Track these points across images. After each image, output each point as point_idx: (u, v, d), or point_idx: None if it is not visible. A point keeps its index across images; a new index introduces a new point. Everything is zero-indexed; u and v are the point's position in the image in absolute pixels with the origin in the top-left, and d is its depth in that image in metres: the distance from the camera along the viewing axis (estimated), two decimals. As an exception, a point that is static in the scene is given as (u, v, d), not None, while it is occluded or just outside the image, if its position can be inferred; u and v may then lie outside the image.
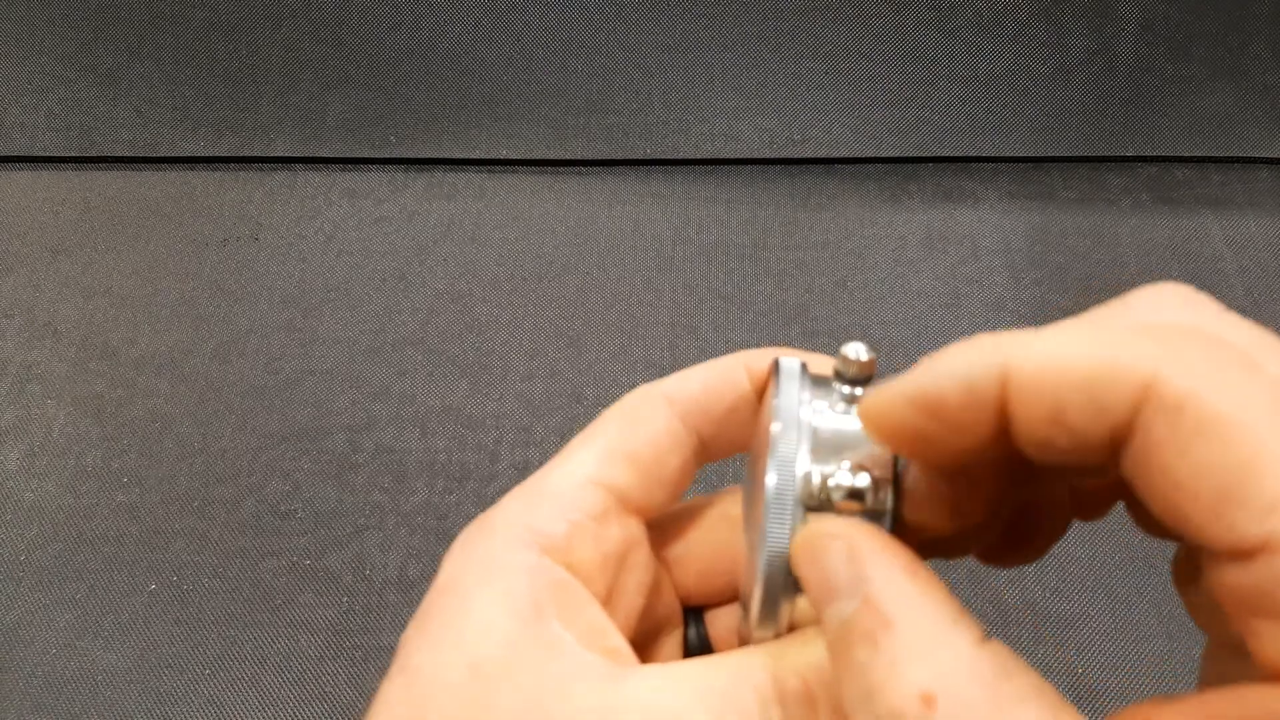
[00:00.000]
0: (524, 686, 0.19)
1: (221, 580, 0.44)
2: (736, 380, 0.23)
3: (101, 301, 0.53)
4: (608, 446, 0.22)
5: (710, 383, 0.23)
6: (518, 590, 0.20)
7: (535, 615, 0.20)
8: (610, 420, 0.23)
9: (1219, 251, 0.55)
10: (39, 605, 0.43)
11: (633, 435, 0.22)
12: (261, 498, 0.46)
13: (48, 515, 0.46)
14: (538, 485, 0.22)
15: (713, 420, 0.23)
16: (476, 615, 0.20)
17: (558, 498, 0.22)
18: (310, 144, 0.58)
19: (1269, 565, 0.14)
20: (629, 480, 0.22)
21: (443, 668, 0.20)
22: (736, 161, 0.58)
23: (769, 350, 0.24)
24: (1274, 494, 0.14)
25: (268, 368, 0.51)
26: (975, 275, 0.54)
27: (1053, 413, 0.16)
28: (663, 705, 0.19)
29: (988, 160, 0.58)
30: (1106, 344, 0.15)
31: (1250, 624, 0.15)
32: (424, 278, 0.54)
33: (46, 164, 0.58)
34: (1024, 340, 0.16)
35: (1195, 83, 0.57)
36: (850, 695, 0.16)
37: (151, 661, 0.42)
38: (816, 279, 0.54)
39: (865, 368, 0.20)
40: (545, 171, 0.58)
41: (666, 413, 0.23)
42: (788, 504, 0.19)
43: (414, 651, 0.20)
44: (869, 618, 0.16)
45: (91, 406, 0.49)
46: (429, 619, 0.21)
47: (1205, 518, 0.15)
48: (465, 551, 0.22)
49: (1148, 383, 0.15)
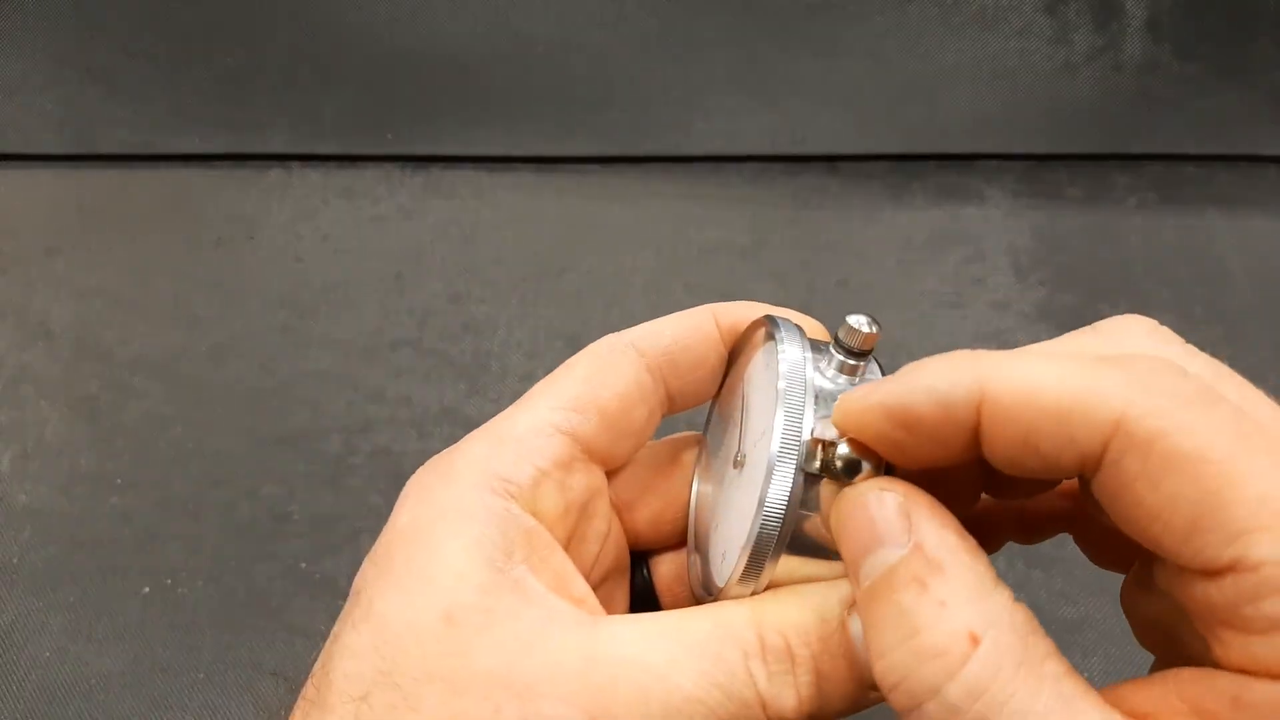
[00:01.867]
0: (501, 635, 0.19)
1: (216, 584, 0.44)
2: (706, 332, 0.23)
3: (95, 302, 0.53)
4: (575, 394, 0.22)
5: (680, 334, 0.23)
6: (489, 537, 0.20)
7: (506, 562, 0.20)
8: (578, 367, 0.23)
9: (1225, 250, 0.54)
10: (32, 609, 0.43)
11: (601, 385, 0.22)
12: (257, 501, 0.46)
13: (40, 518, 0.45)
14: (502, 429, 0.22)
15: (681, 372, 0.23)
16: (448, 561, 0.20)
17: (523, 443, 0.21)
18: (306, 142, 0.57)
19: (1235, 584, 0.16)
20: (595, 430, 0.22)
21: (415, 616, 0.19)
22: (737, 159, 0.58)
23: (739, 304, 0.24)
24: (1240, 522, 0.15)
25: (263, 369, 0.50)
26: (980, 274, 0.53)
27: (1025, 437, 0.17)
28: (647, 660, 0.19)
29: (992, 158, 0.57)
30: (1080, 376, 0.16)
31: (1217, 633, 0.16)
32: (421, 277, 0.53)
33: (40, 162, 0.58)
34: (1001, 363, 0.17)
35: (1202, 81, 0.57)
36: (885, 639, 0.17)
37: (145, 666, 0.42)
38: (818, 278, 0.53)
39: (867, 340, 0.20)
40: (544, 169, 0.58)
41: (636, 363, 0.23)
42: (791, 465, 0.18)
43: (378, 597, 0.20)
44: (918, 563, 0.17)
45: (85, 408, 0.49)
46: (393, 564, 0.20)
47: (1177, 543, 0.16)
48: (427, 495, 0.21)
49: (1118, 419, 0.16)
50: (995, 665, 0.16)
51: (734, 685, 0.19)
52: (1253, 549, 0.15)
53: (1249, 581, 0.15)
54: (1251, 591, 0.15)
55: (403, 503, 0.22)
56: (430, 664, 0.19)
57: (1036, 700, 0.16)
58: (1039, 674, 0.16)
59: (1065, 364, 0.17)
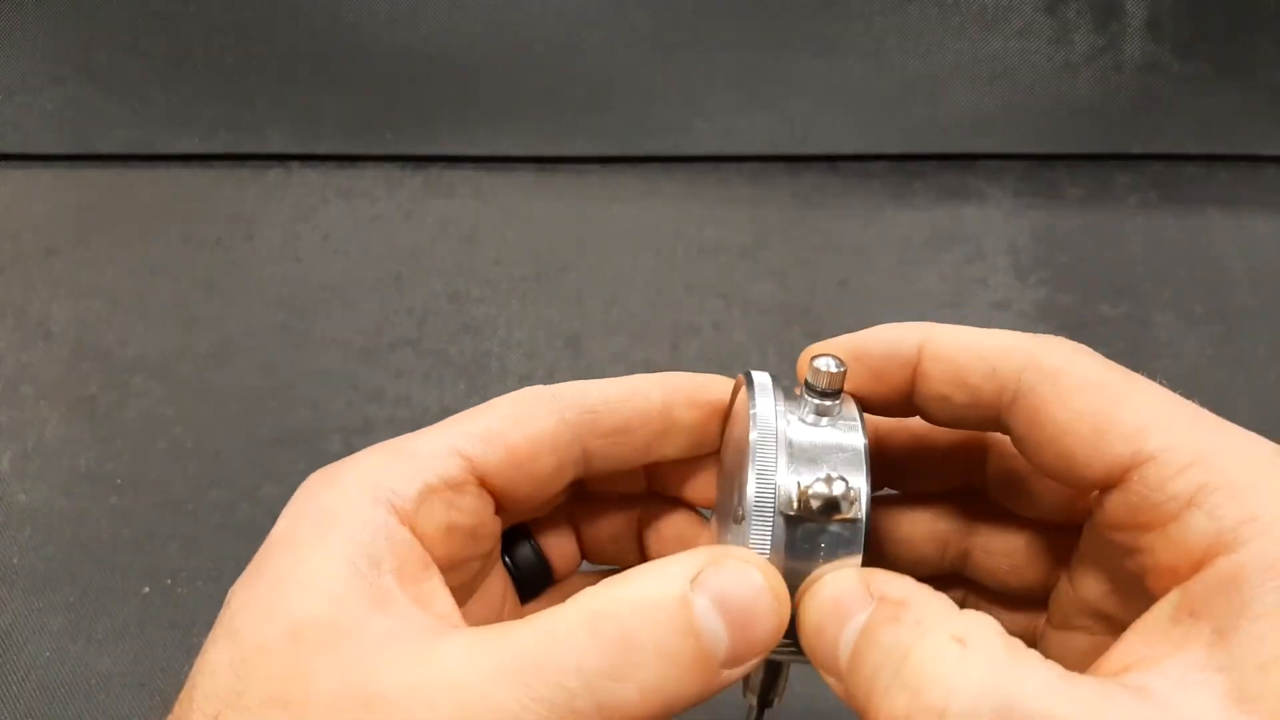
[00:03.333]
0: (343, 654, 0.18)
1: (216, 584, 0.44)
2: (641, 400, 0.23)
3: (94, 302, 0.53)
4: (485, 427, 0.22)
5: (610, 397, 0.23)
6: (359, 544, 0.19)
7: (372, 571, 0.19)
8: (496, 407, 0.23)
9: (1226, 250, 0.54)
10: (31, 609, 0.43)
11: (514, 424, 0.22)
12: (256, 501, 0.46)
13: (40, 518, 0.45)
14: (402, 445, 0.22)
15: (601, 433, 0.23)
16: (306, 571, 0.19)
17: (416, 458, 0.21)
18: (305, 141, 0.57)
19: (1141, 479, 0.18)
20: (497, 464, 0.22)
21: (266, 632, 0.19)
22: (737, 159, 0.57)
23: (699, 376, 0.24)
24: (1133, 424, 0.19)
25: (262, 369, 0.50)
26: (980, 274, 0.53)
27: (956, 373, 0.21)
28: (470, 678, 0.17)
29: (993, 158, 0.57)
30: (1001, 334, 0.22)
31: (1140, 543, 0.19)
32: (421, 277, 0.53)
33: (39, 162, 0.58)
34: (940, 325, 0.22)
35: (1203, 80, 0.57)
36: (880, 680, 0.17)
37: (145, 666, 0.42)
38: (819, 278, 0.53)
39: (835, 380, 0.21)
40: (544, 169, 0.58)
41: (554, 413, 0.22)
42: (768, 513, 0.19)
43: (238, 611, 0.20)
44: (887, 609, 0.18)
45: (84, 408, 0.49)
46: (259, 576, 0.20)
47: (1085, 450, 0.19)
48: (305, 501, 0.21)
49: (1030, 356, 0.21)
50: (991, 658, 0.16)
51: (560, 697, 0.17)
52: (1147, 441, 0.19)
53: (1151, 471, 0.18)
54: (1155, 480, 0.18)
55: (285, 509, 0.21)
56: (274, 686, 0.18)
57: (1044, 682, 0.16)
58: (1030, 659, 0.17)
59: (989, 330, 0.22)
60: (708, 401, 0.24)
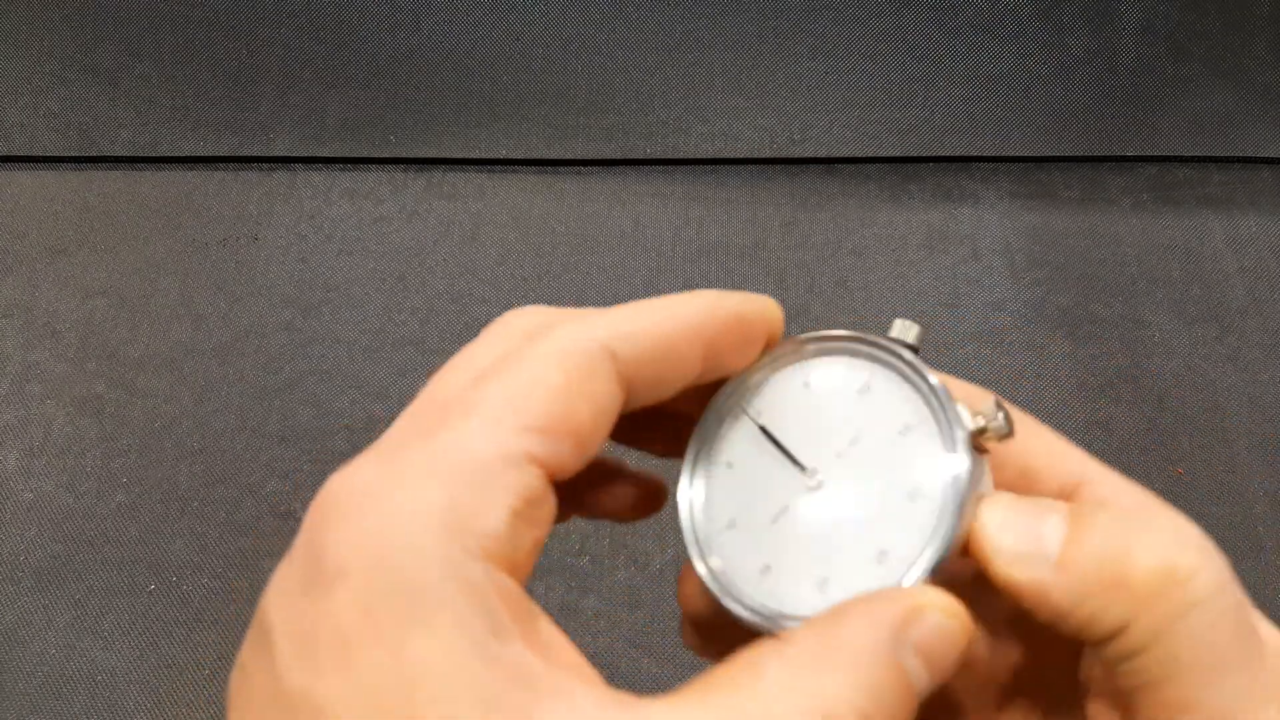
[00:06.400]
0: None
1: (221, 581, 0.44)
2: (694, 337, 0.19)
3: (101, 301, 0.53)
4: (547, 412, 0.17)
5: (662, 338, 0.19)
6: (473, 619, 0.15)
7: (499, 645, 0.15)
8: (548, 373, 0.18)
9: (1220, 251, 0.54)
10: (38, 606, 0.43)
11: (578, 402, 0.18)
12: (261, 498, 0.46)
13: (47, 515, 0.46)
14: (456, 455, 0.17)
15: (648, 384, 0.19)
16: (430, 668, 0.15)
17: (492, 478, 0.17)
18: (310, 144, 0.58)
19: None
20: (567, 459, 0.18)
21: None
22: (736, 161, 0.58)
23: (742, 296, 0.21)
24: None
25: (267, 368, 0.51)
26: (975, 275, 0.54)
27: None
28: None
29: (988, 160, 0.58)
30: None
31: None
32: (424, 277, 0.54)
33: (46, 164, 0.58)
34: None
35: (1196, 82, 0.57)
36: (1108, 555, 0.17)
37: (151, 662, 0.42)
38: (817, 279, 0.54)
39: (919, 336, 0.21)
40: (545, 171, 0.58)
41: (612, 374, 0.18)
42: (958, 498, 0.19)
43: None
44: (1081, 506, 0.19)
45: (91, 407, 0.49)
46: (351, 672, 0.15)
47: None
48: (372, 565, 0.16)
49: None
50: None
51: None
52: None
53: None
54: None
55: (331, 576, 0.16)
56: None
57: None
58: None
59: None
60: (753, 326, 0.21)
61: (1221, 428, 0.48)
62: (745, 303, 0.20)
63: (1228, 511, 0.46)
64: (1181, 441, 0.48)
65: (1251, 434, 0.48)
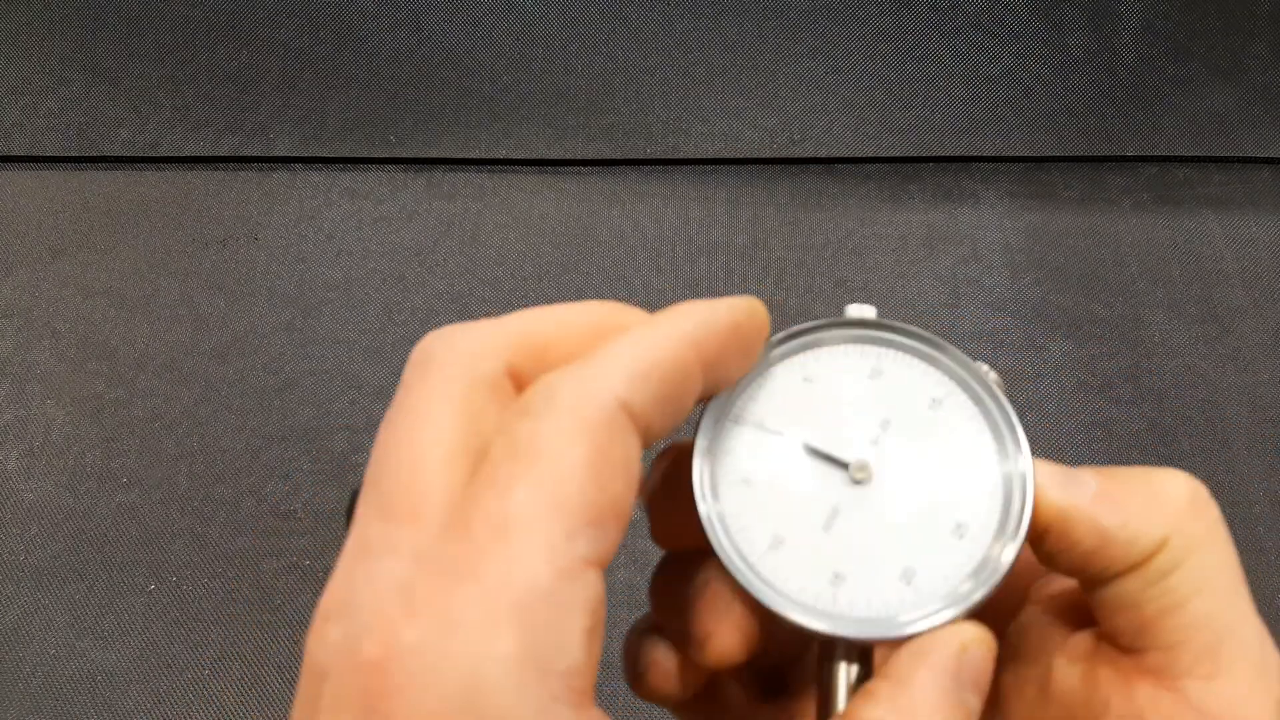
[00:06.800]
0: None
1: (221, 580, 0.44)
2: (691, 367, 0.18)
3: (101, 301, 0.53)
4: (586, 500, 0.15)
5: (668, 373, 0.17)
6: None
7: None
8: (570, 452, 0.15)
9: (1219, 251, 0.54)
10: (38, 605, 0.43)
11: (611, 478, 0.16)
12: (261, 498, 0.46)
13: (47, 515, 0.46)
14: (511, 588, 0.15)
15: (662, 421, 0.17)
16: None
17: (558, 606, 0.15)
18: (310, 144, 0.58)
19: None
20: (615, 540, 0.16)
21: None
22: (736, 161, 0.58)
23: (718, 304, 0.19)
24: None
25: (267, 368, 0.51)
26: (975, 275, 0.54)
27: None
28: None
29: (988, 160, 0.58)
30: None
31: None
32: (423, 278, 0.54)
33: (46, 164, 0.58)
34: None
35: (1196, 83, 0.57)
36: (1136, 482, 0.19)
37: (151, 662, 0.42)
38: (817, 279, 0.54)
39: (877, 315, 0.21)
40: (545, 171, 0.58)
41: (632, 432, 0.16)
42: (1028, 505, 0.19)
43: None
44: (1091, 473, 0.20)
45: (91, 406, 0.49)
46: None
47: None
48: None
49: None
50: None
51: None
52: None
53: None
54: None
55: None
56: None
57: None
58: None
59: None
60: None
61: (1221, 428, 0.48)
62: (736, 310, 0.19)
63: (1228, 511, 0.46)
64: (1181, 441, 0.48)
65: (1251, 434, 0.48)
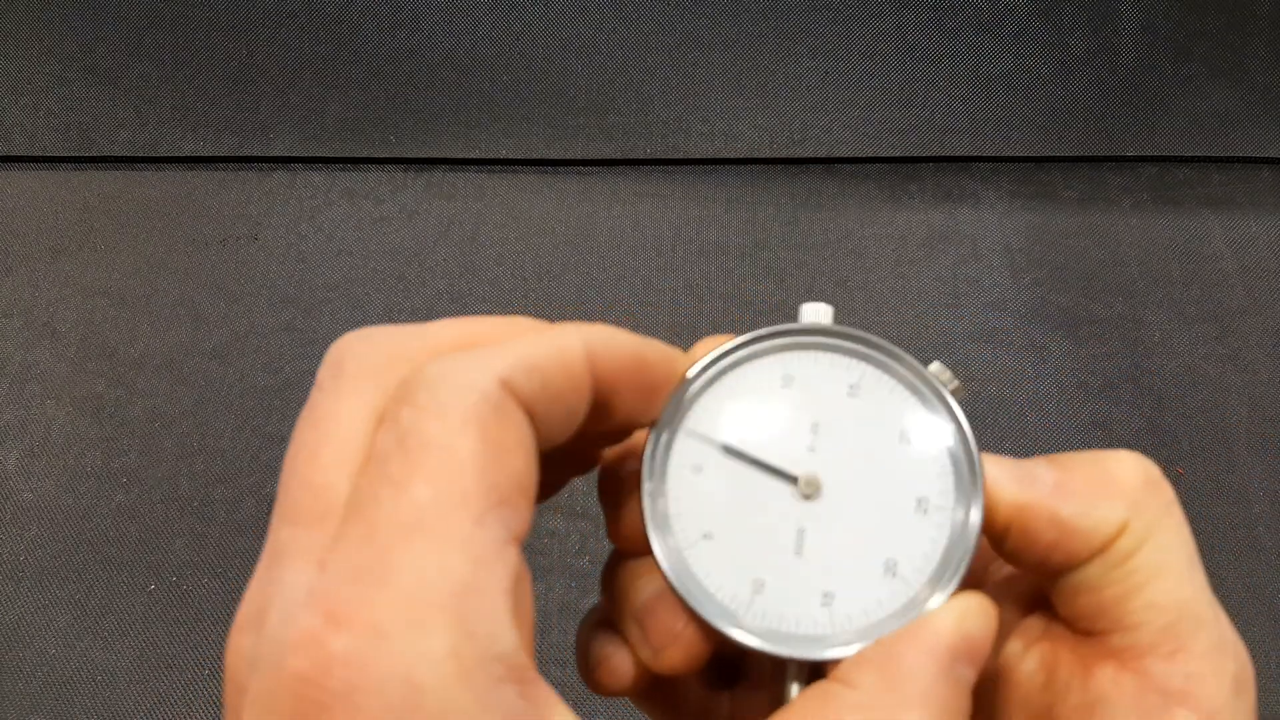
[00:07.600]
0: None
1: (221, 580, 0.44)
2: (577, 370, 0.18)
3: (101, 301, 0.53)
4: (493, 481, 0.16)
5: (551, 373, 0.17)
6: None
7: None
8: (462, 440, 0.16)
9: (1219, 251, 0.55)
10: (38, 605, 0.43)
11: (510, 458, 0.16)
12: (261, 498, 0.46)
13: (47, 515, 0.46)
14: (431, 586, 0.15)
15: (551, 416, 0.17)
16: None
17: (480, 594, 0.15)
18: (310, 144, 0.58)
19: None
20: (526, 514, 0.16)
21: None
22: (736, 161, 0.58)
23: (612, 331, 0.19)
24: None
25: (267, 368, 0.51)
26: (975, 275, 0.54)
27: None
28: None
29: (988, 160, 0.58)
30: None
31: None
32: (423, 277, 0.54)
33: (46, 164, 0.58)
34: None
35: (1196, 83, 0.57)
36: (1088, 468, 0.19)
37: (151, 662, 0.42)
38: (817, 279, 0.54)
39: (834, 316, 0.21)
40: (545, 171, 0.58)
41: (519, 409, 0.16)
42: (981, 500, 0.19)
43: None
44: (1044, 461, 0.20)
45: (91, 406, 0.49)
46: None
47: None
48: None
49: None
50: None
51: None
52: None
53: None
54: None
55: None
56: None
57: None
58: None
59: None
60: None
61: (1221, 428, 0.48)
62: (646, 345, 0.19)
63: (1228, 511, 0.46)
64: (1181, 441, 0.48)
65: (1251, 434, 0.48)
